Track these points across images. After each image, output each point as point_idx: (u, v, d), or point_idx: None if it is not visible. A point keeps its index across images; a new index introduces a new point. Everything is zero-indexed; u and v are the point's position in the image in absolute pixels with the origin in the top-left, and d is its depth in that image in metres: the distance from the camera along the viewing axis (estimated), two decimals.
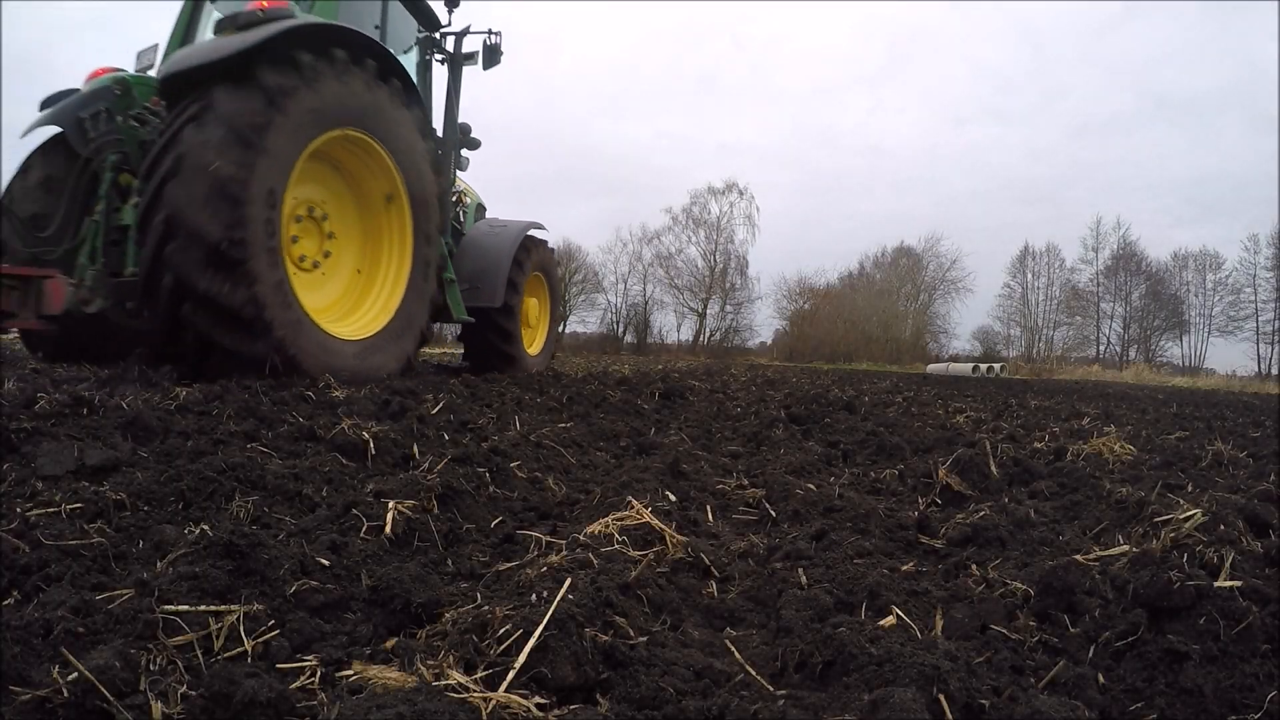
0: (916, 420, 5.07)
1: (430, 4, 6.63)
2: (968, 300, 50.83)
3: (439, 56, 6.94)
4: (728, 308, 47.59)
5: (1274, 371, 37.80)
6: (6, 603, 1.27)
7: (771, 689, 1.20)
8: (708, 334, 47.30)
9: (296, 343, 4.36)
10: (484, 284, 6.89)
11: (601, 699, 1.14)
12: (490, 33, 6.72)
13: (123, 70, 5.47)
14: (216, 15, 5.49)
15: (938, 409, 6.27)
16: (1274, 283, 40.86)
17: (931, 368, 33.17)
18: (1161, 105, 75.60)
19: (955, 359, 40.54)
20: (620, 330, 47.42)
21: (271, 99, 4.17)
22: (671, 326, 49.28)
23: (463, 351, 7.93)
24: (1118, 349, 44.76)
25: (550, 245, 8.47)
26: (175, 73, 4.21)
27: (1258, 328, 41.83)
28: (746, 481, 2.89)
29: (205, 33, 5.64)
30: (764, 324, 52.64)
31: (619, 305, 47.87)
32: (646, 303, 47.88)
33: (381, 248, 5.27)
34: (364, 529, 1.79)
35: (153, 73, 5.44)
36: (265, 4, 4.38)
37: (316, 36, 4.49)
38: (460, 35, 6.85)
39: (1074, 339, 45.85)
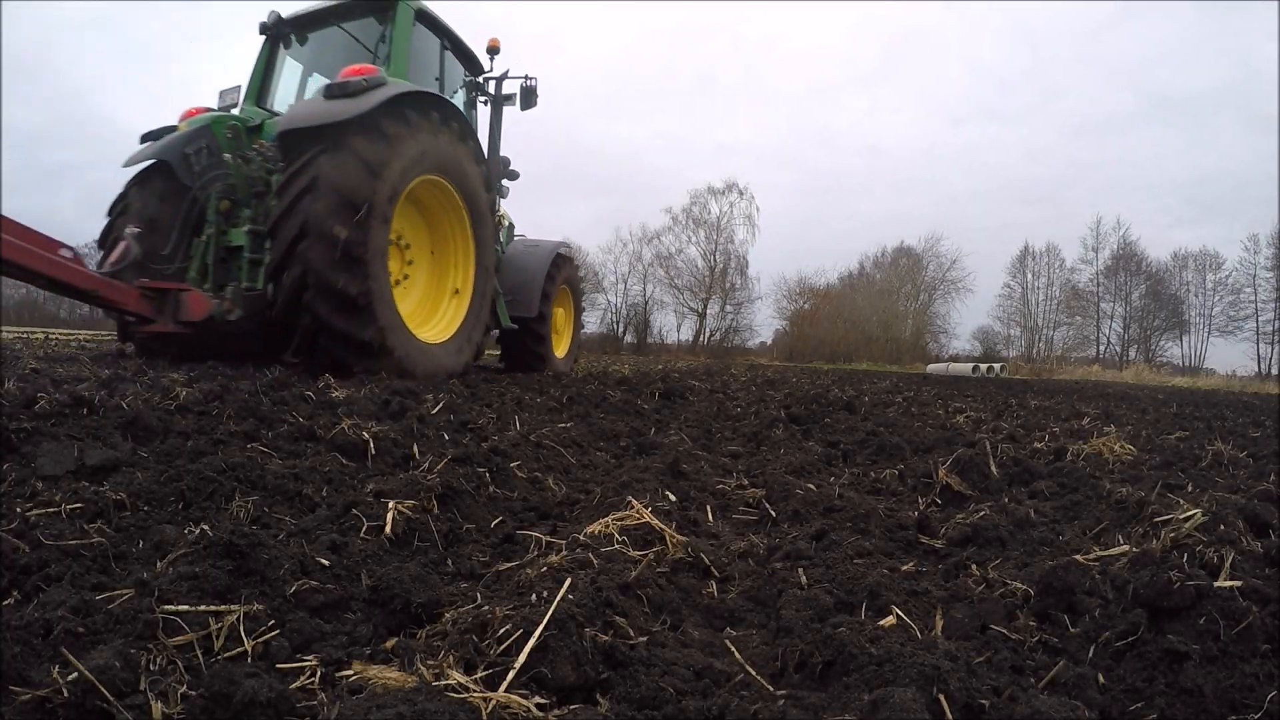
0: (916, 420, 5.07)
1: (475, 52, 7.56)
2: (968, 300, 50.95)
3: (482, 98, 7.93)
4: (728, 308, 47.66)
5: (1274, 371, 37.82)
6: (6, 603, 1.27)
7: (771, 689, 1.20)
8: (708, 334, 47.36)
9: (393, 335, 5.20)
10: (522, 296, 7.85)
11: (601, 699, 1.14)
12: (526, 78, 7.64)
13: (212, 110, 6.33)
14: (289, 61, 6.72)
15: (938, 409, 6.27)
16: (1274, 283, 40.92)
17: (931, 368, 33.18)
18: (1159, 105, 75.68)
19: (955, 359, 40.55)
20: (620, 330, 47.45)
21: (390, 144, 5.18)
22: (671, 326, 49.38)
23: (500, 353, 8.74)
24: (1118, 349, 44.82)
25: (575, 261, 9.47)
26: (298, 129, 5.08)
27: (1258, 328, 41.89)
28: (746, 481, 2.89)
29: (282, 75, 6.71)
30: (764, 324, 52.76)
31: (619, 305, 47.91)
32: (646, 303, 47.94)
33: (448, 272, 6.32)
34: (364, 529, 1.79)
35: (235, 110, 6.40)
36: (359, 71, 5.29)
37: (412, 99, 5.49)
38: (500, 79, 7.80)
39: (1074, 339, 45.92)
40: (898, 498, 2.75)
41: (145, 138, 6.29)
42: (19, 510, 1.63)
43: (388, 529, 1.80)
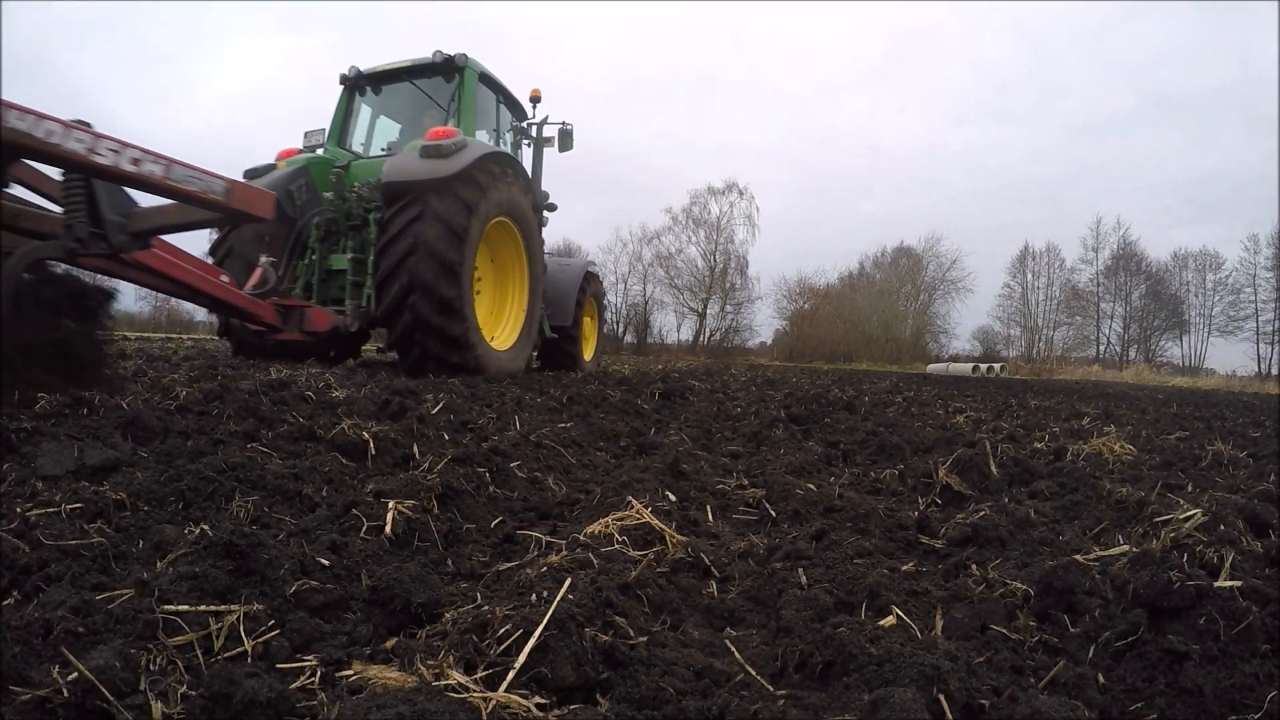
0: (916, 420, 5.07)
1: (520, 101, 8.79)
2: (968, 300, 50.91)
3: (526, 140, 9.09)
4: (728, 308, 47.59)
5: (1274, 371, 37.81)
6: (6, 603, 1.27)
7: (771, 689, 1.20)
8: (708, 334, 47.30)
9: (474, 335, 6.35)
10: (559, 309, 9.12)
11: (601, 699, 1.14)
12: (564, 124, 8.82)
13: (305, 152, 7.52)
14: (368, 111, 8.06)
15: (938, 409, 6.27)
16: (1274, 283, 40.89)
17: (931, 368, 33.16)
18: (1161, 105, 75.55)
19: (955, 359, 40.53)
20: (620, 330, 47.39)
21: (480, 191, 6.33)
22: (671, 326, 49.33)
23: (537, 354, 9.75)
24: (1118, 349, 44.78)
25: (600, 276, 10.89)
26: (401, 181, 6.08)
27: (1258, 328, 41.85)
28: (746, 481, 2.89)
29: (359, 122, 8.02)
30: (764, 324, 52.71)
31: (619, 305, 47.87)
32: (646, 303, 47.91)
33: (508, 293, 7.61)
34: (364, 529, 1.79)
35: (320, 150, 7.61)
36: (444, 133, 6.35)
37: (490, 156, 6.62)
38: (541, 124, 8.92)
39: (1074, 339, 45.87)
40: (898, 498, 2.75)
41: (249, 174, 7.29)
42: (19, 510, 1.63)
43: (388, 529, 1.80)
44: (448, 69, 7.43)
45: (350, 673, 1.15)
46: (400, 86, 7.79)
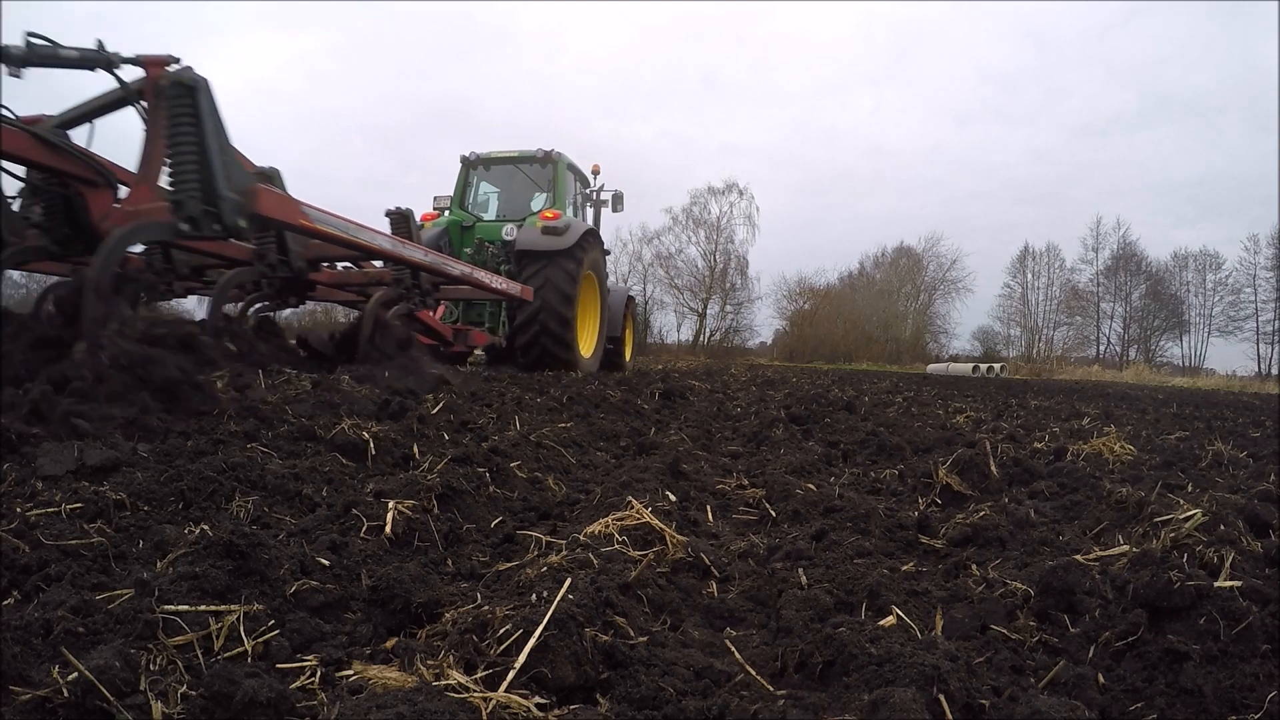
0: (916, 420, 5.07)
1: (586, 174, 11.68)
2: (968, 300, 50.83)
3: (589, 203, 12.04)
4: (728, 308, 47.54)
5: (1274, 371, 37.80)
6: (6, 603, 1.27)
7: (771, 689, 1.20)
8: (708, 334, 47.25)
9: (576, 345, 9.20)
10: (612, 324, 11.53)
11: (601, 699, 1.14)
12: (616, 191, 12.19)
13: (436, 213, 10.08)
14: (482, 184, 10.96)
15: (938, 409, 6.27)
16: (1274, 283, 40.89)
17: (931, 368, 33.16)
18: (1164, 105, 75.37)
19: (955, 359, 40.51)
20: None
21: (579, 259, 9.03)
22: (671, 326, 49.22)
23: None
24: (1118, 349, 44.78)
25: (635, 299, 14.10)
26: (532, 250, 8.87)
27: (1258, 328, 41.86)
28: (746, 481, 2.89)
29: (477, 191, 10.86)
30: (764, 324, 52.69)
31: None
32: (646, 303, 47.83)
33: (588, 318, 10.33)
34: (364, 529, 1.79)
35: (447, 214, 10.13)
36: (553, 215, 9.09)
37: (586, 234, 9.40)
38: (599, 191, 12.14)
39: (1074, 339, 45.86)
40: (898, 498, 2.75)
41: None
42: (19, 510, 1.63)
43: (388, 529, 1.80)
44: (544, 160, 10.48)
45: (350, 673, 1.15)
46: (507, 168, 10.82)
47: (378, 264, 6.24)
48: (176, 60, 3.59)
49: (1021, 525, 2.14)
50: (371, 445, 2.67)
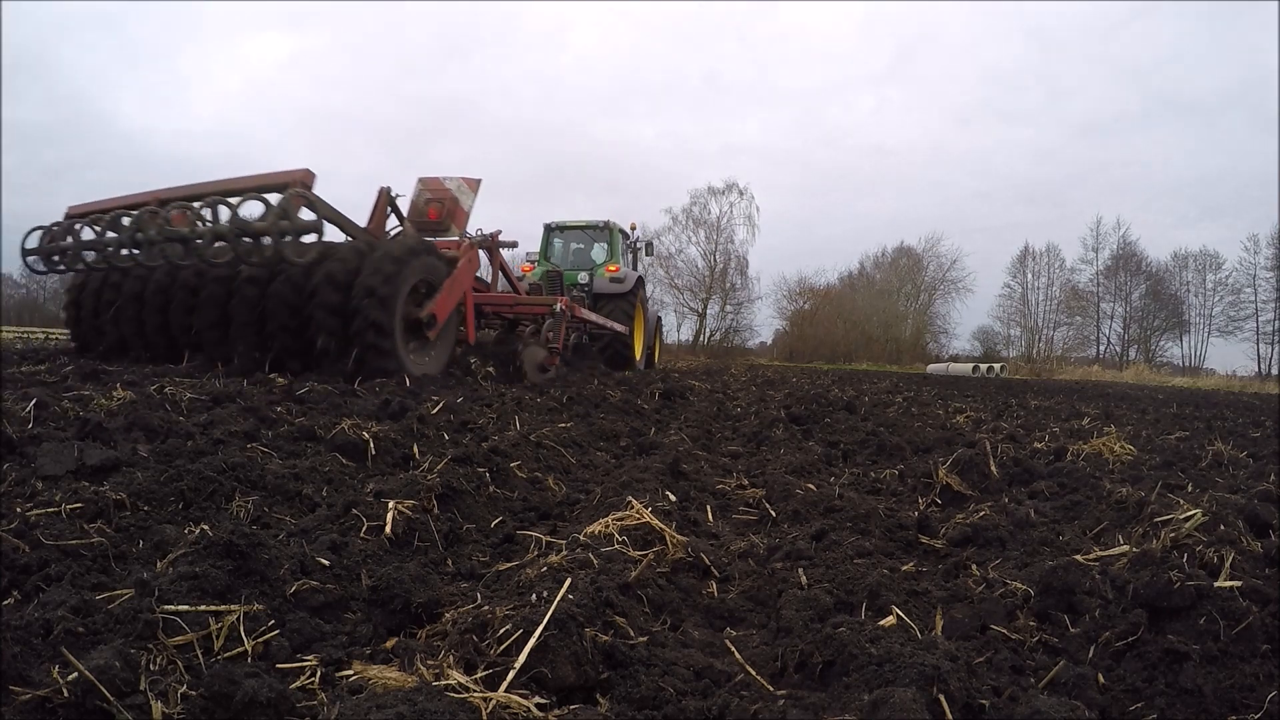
0: (916, 420, 5.07)
1: (626, 230, 14.86)
2: (968, 300, 50.73)
3: (631, 252, 15.24)
4: (728, 308, 47.53)
5: (1274, 371, 37.77)
6: (6, 603, 1.27)
7: (771, 689, 1.20)
8: (708, 334, 47.24)
9: (634, 355, 12.76)
10: (646, 335, 15.20)
11: (601, 699, 1.14)
12: (650, 241, 16.85)
13: (540, 268, 12.90)
14: (556, 242, 14.30)
15: (938, 409, 6.27)
16: (1274, 283, 40.84)
17: (931, 368, 33.16)
18: (1167, 105, 75.12)
19: (955, 359, 40.51)
20: None
21: (636, 298, 13.12)
22: (671, 326, 49.15)
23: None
24: (1118, 349, 44.74)
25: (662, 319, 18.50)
26: (606, 294, 12.59)
27: (1258, 328, 41.82)
28: (746, 481, 2.89)
29: (553, 248, 14.22)
30: (764, 324, 52.63)
31: None
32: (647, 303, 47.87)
33: (637, 336, 13.24)
34: (364, 529, 1.79)
35: (538, 266, 13.27)
36: (615, 269, 12.87)
37: (638, 281, 13.48)
38: (636, 240, 15.49)
39: (1074, 339, 45.81)
40: (898, 498, 2.75)
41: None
42: (19, 510, 1.63)
43: (388, 529, 1.80)
44: (604, 227, 14.06)
45: (350, 673, 1.15)
46: (575, 232, 14.35)
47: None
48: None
49: (1021, 525, 2.14)
50: (371, 445, 2.67)
